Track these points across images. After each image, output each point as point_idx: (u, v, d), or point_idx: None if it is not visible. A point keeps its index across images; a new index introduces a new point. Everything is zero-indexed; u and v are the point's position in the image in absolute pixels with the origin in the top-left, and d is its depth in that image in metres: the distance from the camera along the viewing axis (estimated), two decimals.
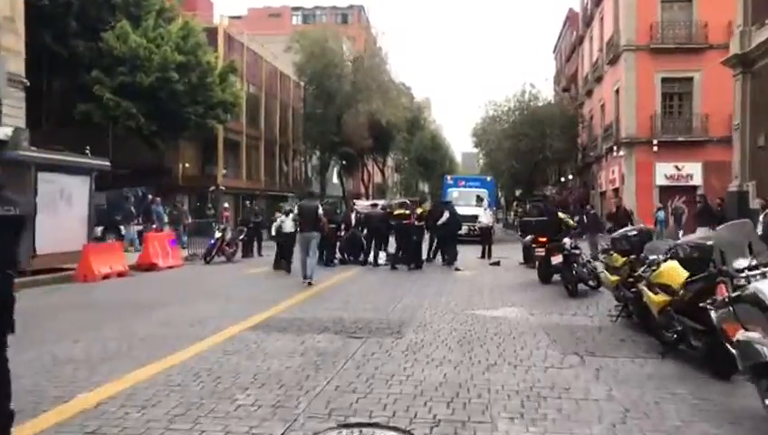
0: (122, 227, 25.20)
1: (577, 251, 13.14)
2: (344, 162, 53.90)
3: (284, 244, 17.66)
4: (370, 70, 45.55)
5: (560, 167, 54.42)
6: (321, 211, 15.51)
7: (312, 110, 47.83)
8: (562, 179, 55.58)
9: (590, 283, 12.70)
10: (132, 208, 26.09)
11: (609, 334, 8.52)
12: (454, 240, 19.04)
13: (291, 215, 17.50)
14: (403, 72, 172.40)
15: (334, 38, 47.11)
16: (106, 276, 15.37)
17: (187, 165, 38.59)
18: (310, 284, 14.17)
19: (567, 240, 13.42)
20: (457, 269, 17.27)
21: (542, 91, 48.17)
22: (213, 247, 20.04)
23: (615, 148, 35.57)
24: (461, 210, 24.28)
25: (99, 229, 22.67)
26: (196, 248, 21.36)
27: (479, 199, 31.38)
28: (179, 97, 30.24)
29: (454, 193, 33.87)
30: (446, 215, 19.04)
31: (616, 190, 36.43)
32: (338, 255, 19.45)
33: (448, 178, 38.97)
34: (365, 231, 19.38)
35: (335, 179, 56.42)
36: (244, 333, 8.55)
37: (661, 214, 29.90)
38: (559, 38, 64.85)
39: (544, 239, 14.21)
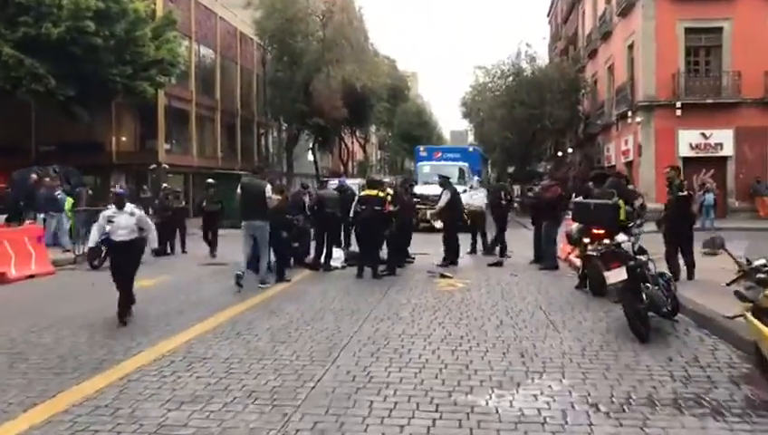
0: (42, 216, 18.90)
1: (643, 258, 7.67)
2: (319, 138, 48.00)
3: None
4: (342, 27, 39.42)
5: (557, 140, 48.96)
6: (269, 192, 10.77)
7: (276, 74, 41.70)
8: (559, 154, 50.11)
9: (665, 308, 7.24)
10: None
11: None
12: (455, 232, 13.70)
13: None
14: (388, 46, 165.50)
15: None
16: None
17: (123, 139, 32.69)
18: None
19: (622, 237, 7.93)
20: (443, 276, 11.74)
21: (538, 53, 42.57)
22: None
23: (630, 113, 30.06)
24: (431, 189, 18.90)
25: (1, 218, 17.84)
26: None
27: (461, 174, 25.49)
28: (100, 54, 24.33)
29: (425, 168, 27.63)
30: (446, 197, 13.54)
31: (629, 164, 30.99)
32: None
33: (421, 149, 32.80)
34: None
35: (310, 157, 50.52)
36: None
37: (710, 197, 24.30)
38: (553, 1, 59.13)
39: (601, 232, 8.72)
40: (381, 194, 11.86)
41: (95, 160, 31.21)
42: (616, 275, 7.16)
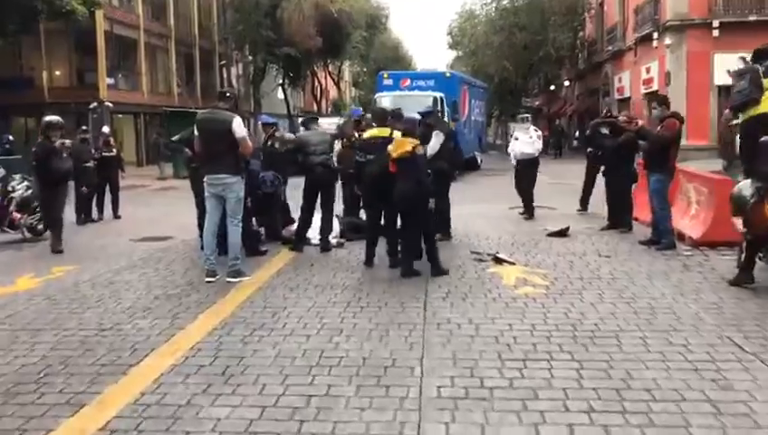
0: None
1: None
2: (290, 73, 42.76)
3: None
4: None
5: (548, 72, 44.60)
6: (240, 128, 6.81)
7: None
8: (552, 88, 45.69)
9: None
10: None
11: None
12: (446, 191, 8.87)
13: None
14: None
15: None
16: None
17: (56, 73, 27.46)
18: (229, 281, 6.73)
19: None
20: (497, 260, 7.53)
21: None
22: None
23: (655, 35, 25.68)
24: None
25: None
26: None
27: (456, 110, 20.48)
28: None
29: (384, 100, 20.35)
30: (436, 139, 8.43)
31: (652, 94, 26.81)
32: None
33: (384, 75, 24.62)
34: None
35: (280, 94, 45.31)
36: None
37: None
38: None
39: None
40: (397, 134, 7.47)
41: (24, 99, 26.14)
42: None
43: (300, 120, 8.53)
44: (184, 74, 35.84)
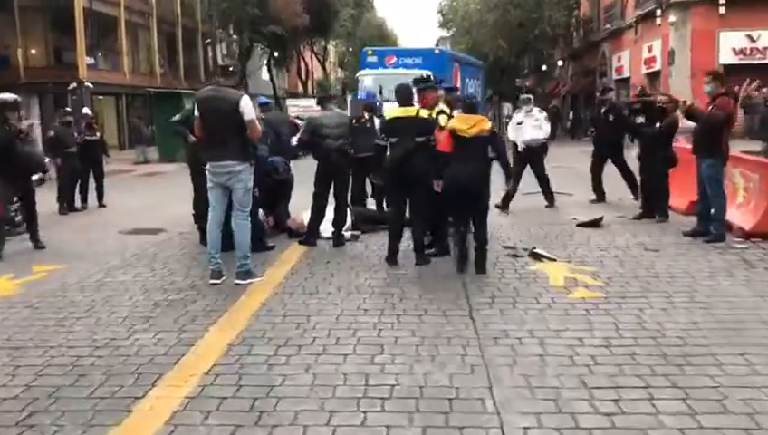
0: None
1: None
2: (275, 53, 41.52)
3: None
4: None
5: (541, 52, 43.75)
6: (248, 108, 5.91)
7: None
8: (544, 68, 44.81)
9: None
10: None
11: None
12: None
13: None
14: None
15: None
16: None
17: (32, 51, 26.16)
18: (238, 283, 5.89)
19: None
20: (535, 256, 6.76)
21: None
22: None
23: (658, 12, 24.94)
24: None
25: None
26: None
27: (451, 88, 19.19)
28: None
29: (367, 79, 19.57)
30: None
31: (653, 75, 26.19)
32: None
33: (368, 52, 22.86)
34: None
35: (264, 75, 44.05)
36: None
37: None
38: None
39: None
40: (424, 113, 6.63)
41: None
42: None
43: (315, 99, 7.55)
44: (166, 54, 34.51)
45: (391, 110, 6.67)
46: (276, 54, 41.71)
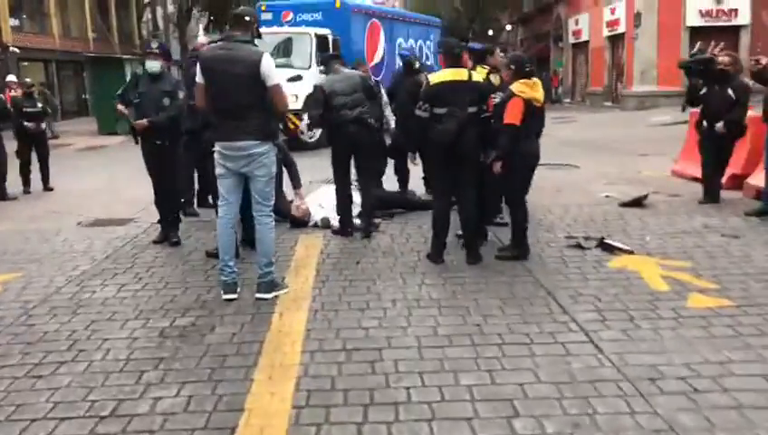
0: None
1: None
2: (212, 17, 38.99)
3: None
4: None
5: (485, 16, 42.87)
6: (271, 71, 4.48)
7: None
8: (490, 33, 43.97)
9: None
10: None
11: None
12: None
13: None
14: None
15: None
16: None
17: None
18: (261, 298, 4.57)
19: None
20: (608, 248, 5.68)
21: None
22: None
23: None
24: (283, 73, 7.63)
25: None
26: None
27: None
28: None
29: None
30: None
31: (615, 38, 25.57)
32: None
33: (263, 8, 18.13)
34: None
35: (201, 37, 41.38)
36: None
37: None
38: None
39: None
40: (477, 76, 5.41)
41: None
42: None
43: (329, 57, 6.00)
44: (98, 16, 31.69)
45: (437, 73, 5.36)
46: (212, 19, 39.27)
